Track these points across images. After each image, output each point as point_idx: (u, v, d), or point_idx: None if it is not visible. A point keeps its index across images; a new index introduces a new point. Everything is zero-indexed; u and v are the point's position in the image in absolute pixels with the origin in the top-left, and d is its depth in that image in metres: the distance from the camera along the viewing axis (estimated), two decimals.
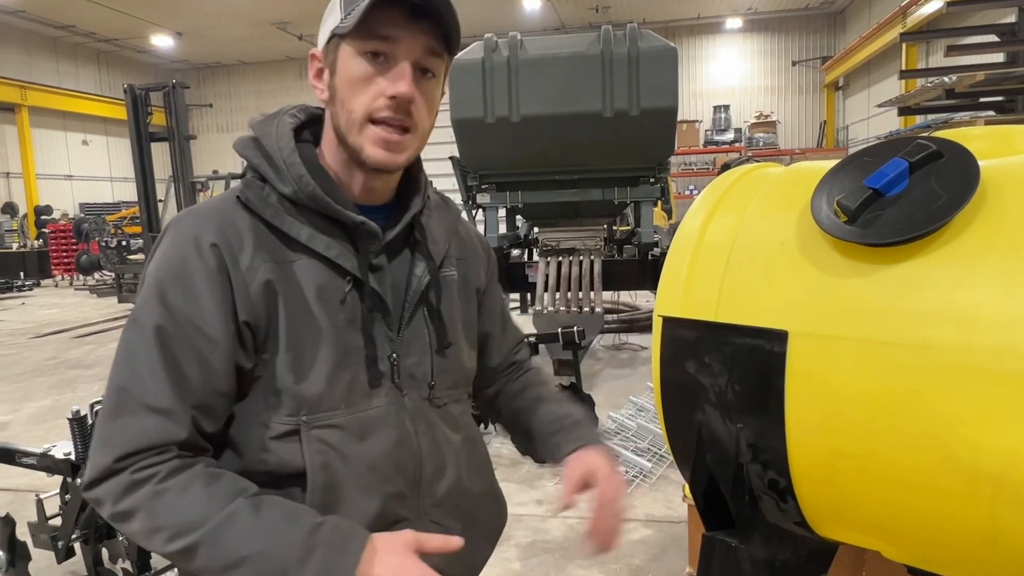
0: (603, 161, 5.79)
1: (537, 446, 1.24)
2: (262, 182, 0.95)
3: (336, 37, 0.93)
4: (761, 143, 19.60)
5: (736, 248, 1.32)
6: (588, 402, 4.15)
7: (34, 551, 2.77)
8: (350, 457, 0.95)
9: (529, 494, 3.64)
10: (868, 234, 1.10)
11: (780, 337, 1.19)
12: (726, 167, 8.32)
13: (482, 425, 4.52)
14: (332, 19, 0.94)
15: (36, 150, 19.90)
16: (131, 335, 0.89)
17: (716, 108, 21.16)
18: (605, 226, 6.81)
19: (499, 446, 4.37)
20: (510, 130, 5.53)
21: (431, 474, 1.03)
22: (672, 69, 5.40)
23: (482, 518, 1.14)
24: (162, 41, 20.87)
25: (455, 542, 0.90)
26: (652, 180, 5.95)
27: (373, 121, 0.92)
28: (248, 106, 23.93)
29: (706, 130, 21.08)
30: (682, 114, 22.29)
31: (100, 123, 21.93)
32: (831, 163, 1.29)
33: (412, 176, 1.06)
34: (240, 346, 0.91)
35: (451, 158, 6.18)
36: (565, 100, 5.42)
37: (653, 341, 1.42)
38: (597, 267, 5.95)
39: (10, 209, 19.34)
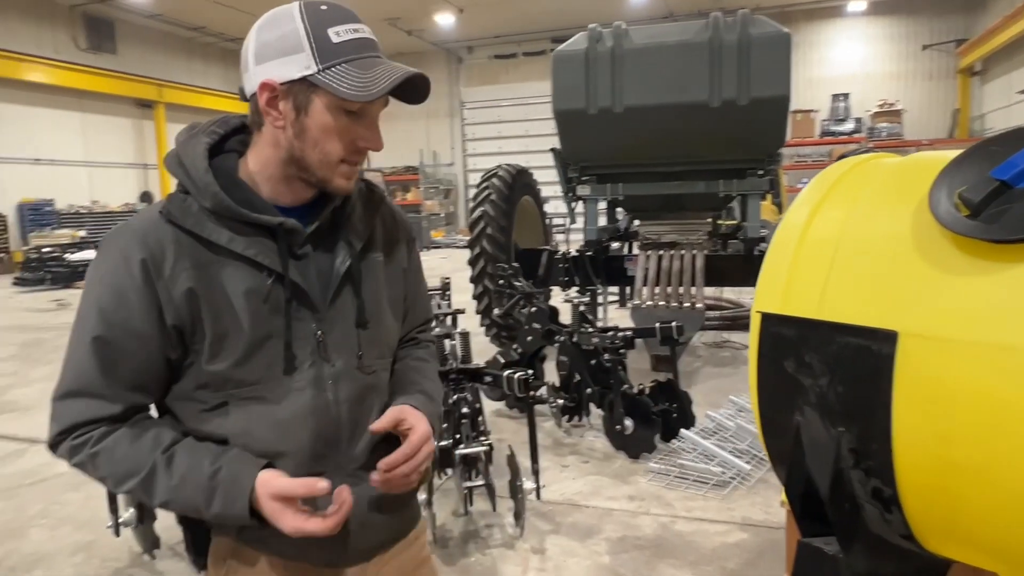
0: (708, 152, 5.62)
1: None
2: (186, 194, 1.07)
3: (307, 81, 1.02)
4: (884, 133, 18.41)
5: (843, 242, 1.25)
6: (684, 399, 4.06)
7: (160, 512, 3.02)
8: (270, 424, 1.09)
9: (621, 489, 3.61)
10: (993, 229, 1.01)
11: (889, 338, 1.11)
12: (843, 159, 7.85)
13: (576, 417, 4.53)
14: (298, 60, 1.02)
15: (169, 143, 21.48)
16: (75, 338, 1.06)
17: (835, 96, 20.05)
18: (710, 220, 6.61)
19: (592, 439, 4.36)
20: (613, 121, 5.46)
21: (350, 435, 1.16)
22: (785, 56, 5.16)
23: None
24: None
25: (320, 486, 1.01)
26: (760, 172, 5.71)
27: (345, 161, 1.08)
28: None
29: (823, 120, 20.03)
30: (796, 103, 21.25)
31: None
32: (953, 153, 1.20)
33: None
34: (168, 343, 1.06)
35: (552, 150, 6.18)
36: (670, 90, 5.29)
37: (751, 338, 1.37)
38: (700, 262, 5.79)
39: (147, 198, 21.07)
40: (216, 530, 1.18)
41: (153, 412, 1.18)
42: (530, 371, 3.38)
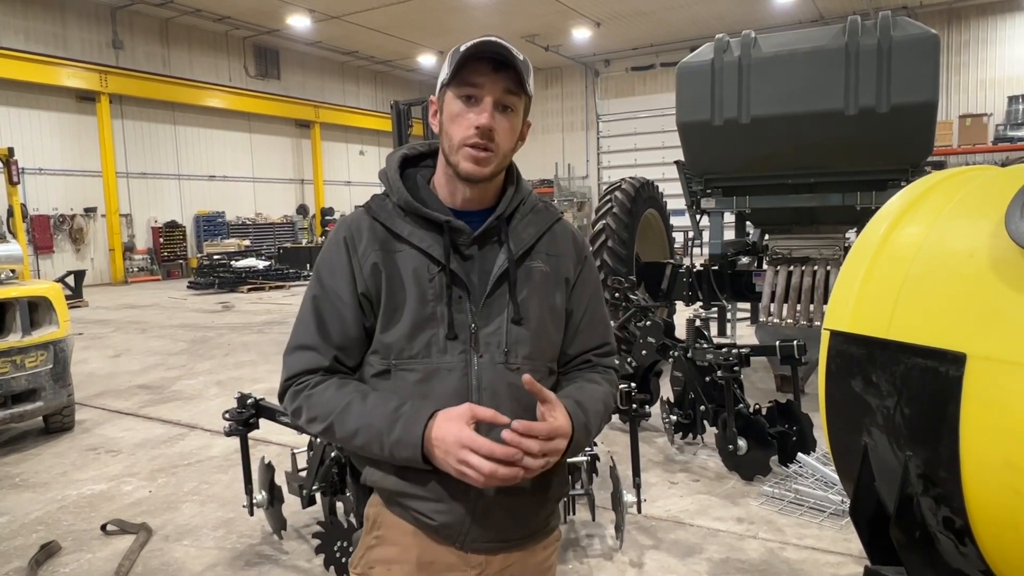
0: (844, 163, 5.31)
1: None
2: (385, 196, 1.30)
3: (444, 87, 1.24)
4: None
5: (918, 259, 1.21)
6: (805, 422, 3.87)
7: (288, 496, 3.31)
8: (420, 394, 1.23)
9: (730, 510, 3.50)
10: None
11: (957, 360, 1.07)
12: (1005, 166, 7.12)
13: (690, 434, 4.44)
14: (442, 75, 1.24)
15: (324, 161, 23.30)
16: (303, 302, 1.32)
17: (1012, 99, 18.22)
18: (846, 235, 6.23)
19: (705, 458, 4.26)
20: (739, 132, 5.31)
21: (487, 424, 1.20)
22: (932, 59, 4.80)
23: (536, 476, 1.24)
24: (426, 60, 23.16)
25: (503, 418, 1.11)
26: (904, 183, 5.32)
27: (465, 145, 1.21)
28: None
29: (997, 125, 18.20)
30: (967, 106, 19.43)
31: (374, 135, 24.97)
32: None
33: (505, 190, 1.32)
34: (362, 309, 1.27)
35: (676, 162, 6.10)
36: (801, 98, 5.07)
37: (820, 356, 1.34)
38: (832, 278, 5.48)
39: (303, 210, 22.85)
40: (371, 475, 1.32)
41: None
42: (633, 384, 3.37)
